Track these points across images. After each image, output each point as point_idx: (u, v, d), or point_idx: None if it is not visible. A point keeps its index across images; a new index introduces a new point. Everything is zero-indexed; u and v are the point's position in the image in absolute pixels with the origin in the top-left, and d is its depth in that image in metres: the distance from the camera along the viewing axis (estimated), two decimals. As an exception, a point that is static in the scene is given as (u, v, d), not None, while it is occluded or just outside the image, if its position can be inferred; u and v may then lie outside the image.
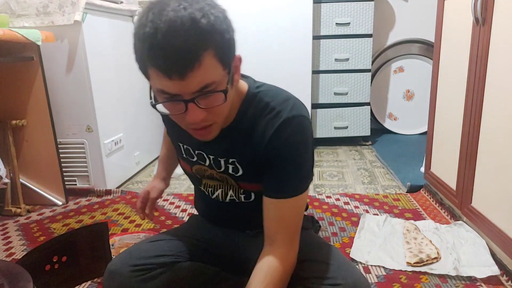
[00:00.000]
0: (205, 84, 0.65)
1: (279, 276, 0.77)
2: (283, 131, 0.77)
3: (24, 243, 1.45)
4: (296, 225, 0.82)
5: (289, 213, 0.81)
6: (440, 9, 1.61)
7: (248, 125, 0.81)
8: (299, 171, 0.80)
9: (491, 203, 1.26)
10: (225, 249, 0.97)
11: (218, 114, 0.72)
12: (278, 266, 0.78)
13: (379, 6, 2.89)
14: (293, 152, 0.78)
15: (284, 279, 0.79)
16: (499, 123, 1.19)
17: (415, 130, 2.91)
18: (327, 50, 2.58)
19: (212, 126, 0.73)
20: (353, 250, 1.31)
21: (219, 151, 0.85)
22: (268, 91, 0.83)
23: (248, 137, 0.81)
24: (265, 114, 0.79)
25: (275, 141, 0.78)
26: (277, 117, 0.78)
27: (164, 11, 0.61)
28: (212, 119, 0.72)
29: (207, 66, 0.64)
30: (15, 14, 1.74)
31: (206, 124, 0.72)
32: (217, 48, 0.65)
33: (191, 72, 0.63)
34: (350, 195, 1.83)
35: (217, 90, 0.67)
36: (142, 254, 0.89)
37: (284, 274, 0.79)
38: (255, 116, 0.80)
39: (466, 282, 1.12)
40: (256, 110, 0.80)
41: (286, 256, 0.80)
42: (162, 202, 1.81)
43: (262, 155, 0.80)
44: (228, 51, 0.68)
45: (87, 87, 1.81)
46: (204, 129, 0.73)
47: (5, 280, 0.70)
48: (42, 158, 1.77)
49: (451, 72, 1.54)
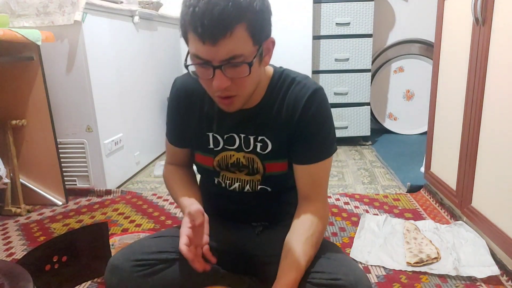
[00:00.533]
0: (233, 54, 0.72)
1: (321, 227, 0.87)
2: (314, 100, 0.86)
3: (24, 243, 1.45)
4: (327, 183, 0.93)
5: (322, 174, 0.91)
6: (440, 9, 1.61)
7: (277, 100, 0.89)
8: (330, 135, 0.90)
9: (491, 203, 1.26)
10: (228, 247, 0.97)
11: (241, 86, 0.78)
12: (317, 219, 0.87)
13: (379, 6, 2.89)
14: (323, 119, 0.88)
15: (323, 230, 0.88)
16: (499, 123, 1.19)
17: (415, 130, 2.91)
18: (327, 50, 2.58)
19: (235, 97, 0.80)
20: (353, 250, 1.31)
21: (250, 129, 0.90)
22: (290, 70, 0.93)
23: (278, 111, 0.88)
24: (293, 87, 0.88)
25: (308, 110, 0.86)
26: (305, 88, 0.87)
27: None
28: (236, 90, 0.78)
29: (238, 37, 0.71)
30: (15, 14, 1.74)
31: (230, 93, 0.78)
32: (250, 23, 0.72)
33: (222, 40, 0.70)
34: (350, 195, 1.83)
35: (244, 61, 0.73)
36: (144, 249, 0.90)
37: (322, 226, 0.88)
38: (283, 90, 0.89)
39: (466, 282, 1.12)
40: (284, 84, 0.89)
41: (322, 210, 0.89)
42: (162, 202, 1.81)
43: (295, 125, 0.87)
44: (260, 29, 0.74)
45: (87, 87, 1.81)
46: (228, 99, 0.80)
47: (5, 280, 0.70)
48: (42, 158, 1.77)
49: (451, 72, 1.54)
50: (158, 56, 2.52)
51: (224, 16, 0.69)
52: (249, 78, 0.76)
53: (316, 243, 0.85)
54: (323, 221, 0.88)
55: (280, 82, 0.89)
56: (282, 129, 0.88)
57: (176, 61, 2.86)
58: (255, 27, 0.73)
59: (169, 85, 1.04)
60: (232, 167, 0.95)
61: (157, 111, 2.52)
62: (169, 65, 2.70)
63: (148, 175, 2.25)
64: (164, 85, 2.58)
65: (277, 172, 0.92)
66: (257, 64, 0.78)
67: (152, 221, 1.61)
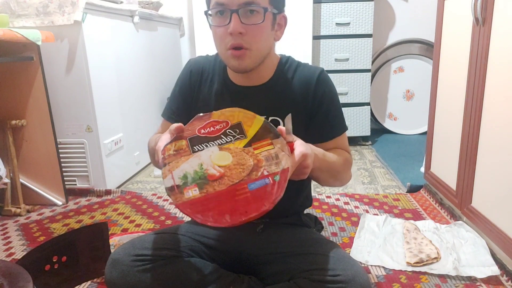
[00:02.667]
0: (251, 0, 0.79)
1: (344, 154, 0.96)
2: (323, 79, 0.94)
3: (24, 243, 1.45)
4: (348, 149, 1.00)
5: (344, 145, 0.98)
6: (440, 9, 1.61)
7: (286, 80, 0.94)
8: (341, 112, 0.98)
9: (491, 203, 1.26)
10: (228, 246, 0.98)
11: (255, 37, 0.83)
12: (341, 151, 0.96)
13: (379, 6, 2.89)
14: (334, 95, 0.96)
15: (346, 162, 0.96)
16: (499, 123, 1.19)
17: (415, 130, 2.91)
18: (327, 50, 2.58)
19: (247, 51, 0.84)
20: (353, 250, 1.31)
21: (260, 109, 0.88)
22: (294, 58, 1.00)
23: (289, 91, 0.93)
24: (299, 70, 0.95)
25: (320, 88, 0.93)
26: (312, 69, 0.96)
27: None
28: (249, 41, 0.83)
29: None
30: (15, 14, 1.74)
31: (243, 44, 0.83)
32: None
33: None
34: (350, 195, 1.83)
35: (260, 6, 0.80)
36: (145, 245, 0.91)
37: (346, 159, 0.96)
38: (291, 72, 0.95)
39: (466, 282, 1.12)
40: (291, 68, 0.96)
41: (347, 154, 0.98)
42: (162, 202, 1.81)
43: (309, 105, 0.93)
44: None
45: (87, 87, 1.80)
46: (239, 51, 0.84)
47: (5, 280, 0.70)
48: (42, 158, 1.77)
49: (451, 72, 1.54)
50: (158, 56, 2.52)
51: None
52: (262, 31, 0.83)
53: (341, 162, 0.93)
54: (348, 160, 0.97)
55: (288, 65, 0.96)
56: (294, 108, 0.90)
57: (176, 61, 2.86)
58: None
59: (169, 85, 1.05)
60: None
61: (157, 111, 2.51)
62: (169, 65, 2.70)
63: (148, 175, 2.25)
64: (164, 85, 2.57)
65: None
66: (270, 26, 0.85)
67: (152, 221, 1.61)
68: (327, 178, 0.93)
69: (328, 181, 0.95)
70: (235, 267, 0.98)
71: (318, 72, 0.94)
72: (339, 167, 0.92)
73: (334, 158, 0.90)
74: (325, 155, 0.87)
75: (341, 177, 0.97)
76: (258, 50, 0.86)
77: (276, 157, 0.72)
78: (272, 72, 0.95)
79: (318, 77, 0.93)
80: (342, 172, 0.95)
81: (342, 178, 0.98)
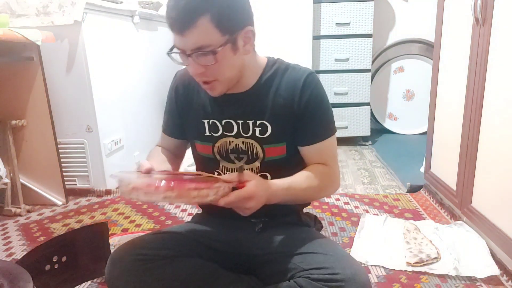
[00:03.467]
0: (200, 44, 0.78)
1: (321, 170, 0.93)
2: (311, 82, 0.91)
3: (24, 243, 1.45)
4: (336, 159, 0.98)
5: (329, 151, 0.96)
6: (440, 9, 1.61)
7: (274, 84, 0.92)
8: (329, 114, 0.95)
9: (491, 203, 1.26)
10: (227, 246, 0.98)
11: (216, 72, 0.83)
12: (322, 168, 0.93)
13: (379, 6, 2.89)
14: (322, 97, 0.93)
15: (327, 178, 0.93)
16: (499, 123, 1.19)
17: (415, 130, 2.91)
18: (327, 50, 2.58)
19: (215, 82, 0.85)
20: (353, 250, 1.31)
21: (248, 114, 0.93)
22: (283, 60, 0.97)
23: (276, 94, 0.92)
24: (287, 73, 0.93)
25: (307, 90, 0.90)
26: (301, 71, 0.92)
27: None
28: (212, 76, 0.84)
29: (202, 28, 0.76)
30: (15, 14, 1.74)
31: (207, 79, 0.84)
32: (215, 14, 0.76)
33: (187, 31, 0.77)
34: (350, 195, 1.83)
35: (208, 50, 0.78)
36: (145, 244, 0.91)
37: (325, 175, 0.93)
38: (279, 74, 0.93)
39: (466, 282, 1.12)
40: (278, 70, 0.93)
41: (329, 170, 0.94)
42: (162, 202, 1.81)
43: (296, 107, 0.91)
44: (228, 20, 0.79)
45: (87, 87, 1.80)
46: (208, 84, 0.86)
47: (5, 280, 0.70)
48: (42, 158, 1.77)
49: (451, 72, 1.54)
50: (158, 56, 2.52)
51: (187, 9, 0.75)
52: (221, 65, 0.81)
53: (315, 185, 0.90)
54: (327, 175, 0.94)
55: (275, 69, 0.93)
56: (282, 112, 0.91)
57: (176, 61, 2.85)
58: (221, 18, 0.77)
59: (169, 85, 1.05)
60: (232, 153, 0.96)
61: (157, 111, 2.51)
62: (169, 65, 2.68)
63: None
64: (164, 85, 2.56)
65: (277, 156, 0.94)
66: (230, 53, 0.82)
67: (152, 221, 1.61)
68: (299, 201, 0.95)
69: (302, 202, 0.97)
70: (235, 267, 0.98)
71: (306, 74, 0.92)
72: (312, 191, 0.91)
73: (304, 185, 0.89)
74: (291, 187, 0.87)
75: (318, 197, 0.98)
76: (225, 78, 0.86)
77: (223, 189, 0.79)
78: (257, 77, 0.93)
79: (305, 80, 0.91)
80: (317, 194, 0.95)
81: (320, 197, 0.99)
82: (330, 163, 0.95)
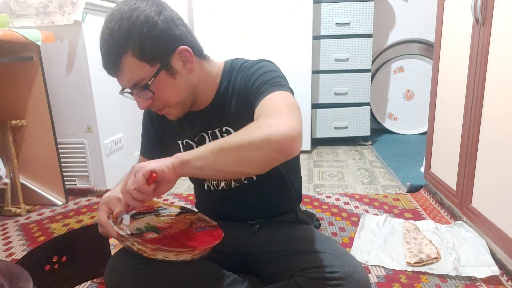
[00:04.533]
0: (133, 81, 0.80)
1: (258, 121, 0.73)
2: (255, 66, 0.87)
3: (24, 243, 1.45)
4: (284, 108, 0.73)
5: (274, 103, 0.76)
6: (440, 9, 1.61)
7: (230, 89, 0.90)
8: (271, 75, 0.83)
9: (491, 203, 1.26)
10: (226, 247, 0.98)
11: (164, 100, 0.84)
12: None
13: (379, 6, 2.89)
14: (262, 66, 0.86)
15: (261, 120, 0.73)
16: (499, 123, 1.19)
17: (415, 130, 2.91)
18: (327, 50, 2.58)
19: (168, 109, 0.86)
20: (353, 250, 1.31)
21: (214, 123, 0.93)
22: (242, 58, 0.94)
23: (231, 97, 0.90)
24: (241, 73, 0.89)
25: (252, 78, 0.85)
26: (249, 65, 0.89)
27: (104, 21, 0.80)
28: (162, 104, 0.84)
29: (128, 67, 0.78)
30: (15, 14, 1.74)
31: (158, 108, 0.86)
32: (135, 50, 0.77)
33: (117, 74, 0.80)
34: (350, 195, 1.83)
35: (141, 85, 0.80)
36: None
37: (259, 121, 0.73)
38: (233, 79, 0.90)
39: (466, 282, 1.12)
40: (233, 73, 0.91)
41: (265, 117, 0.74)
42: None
43: (250, 99, 0.83)
44: (152, 49, 0.78)
45: (87, 87, 1.80)
46: (163, 111, 0.87)
47: (5, 280, 0.70)
48: (42, 158, 1.77)
49: (451, 72, 1.54)
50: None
51: (110, 53, 0.78)
52: (164, 93, 0.81)
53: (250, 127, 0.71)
54: (262, 119, 0.73)
55: (229, 73, 0.91)
56: (240, 112, 0.90)
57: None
58: (143, 51, 0.77)
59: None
60: None
61: (157, 111, 2.51)
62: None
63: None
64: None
65: None
66: (169, 79, 0.81)
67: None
68: (222, 161, 0.69)
69: (231, 163, 0.70)
70: (235, 267, 0.98)
71: (254, 64, 0.88)
72: (226, 140, 0.71)
73: (220, 139, 0.72)
74: (212, 142, 0.72)
75: (243, 146, 0.68)
76: (177, 103, 0.85)
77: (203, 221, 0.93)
78: (216, 88, 0.91)
79: (251, 74, 0.85)
80: (238, 141, 0.69)
81: (246, 147, 0.68)
82: (270, 112, 0.74)
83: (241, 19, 2.36)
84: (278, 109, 0.73)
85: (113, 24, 0.77)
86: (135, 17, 0.76)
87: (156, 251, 0.76)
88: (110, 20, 0.78)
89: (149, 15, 0.77)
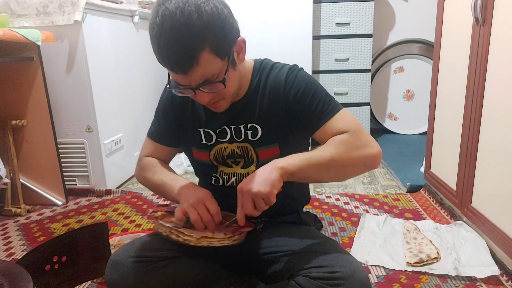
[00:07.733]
0: (206, 78, 0.77)
1: (341, 136, 0.85)
2: (292, 73, 0.91)
3: (24, 243, 1.45)
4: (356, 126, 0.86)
5: (343, 123, 0.87)
6: (440, 9, 1.61)
7: (260, 86, 0.92)
8: (324, 93, 0.90)
9: (491, 203, 1.26)
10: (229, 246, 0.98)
11: (223, 94, 0.84)
12: (338, 135, 0.86)
13: (379, 6, 2.89)
14: (309, 89, 0.89)
15: (346, 142, 0.84)
16: (499, 123, 1.19)
17: (415, 130, 2.91)
18: (327, 50, 2.58)
19: (221, 101, 0.86)
20: (353, 250, 1.31)
21: (240, 119, 0.93)
22: (270, 60, 0.98)
23: (263, 97, 0.92)
24: (272, 72, 0.92)
25: (292, 90, 0.89)
26: (283, 69, 0.92)
27: (165, 15, 0.72)
28: (220, 97, 0.84)
29: (205, 63, 0.75)
30: (15, 14, 1.74)
31: (215, 101, 0.85)
32: (213, 45, 0.74)
33: (191, 70, 0.74)
34: (350, 195, 1.83)
35: (217, 81, 0.78)
36: (145, 246, 0.91)
37: (342, 142, 0.84)
38: (264, 76, 0.93)
39: (466, 282, 1.12)
40: (264, 71, 0.93)
41: (348, 134, 0.85)
42: (162, 202, 1.81)
43: (283, 106, 0.90)
44: (224, 43, 0.77)
45: (87, 87, 1.80)
46: (214, 104, 0.86)
47: (5, 280, 0.70)
48: (42, 158, 1.77)
49: (451, 72, 1.54)
50: (158, 56, 2.52)
51: (186, 49, 0.72)
52: (228, 86, 0.81)
53: (332, 152, 0.83)
54: (346, 140, 0.84)
55: (261, 71, 0.94)
56: (270, 113, 0.91)
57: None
58: (219, 45, 0.76)
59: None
60: (228, 159, 0.96)
61: (157, 111, 2.51)
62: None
63: (148, 175, 2.25)
64: (164, 85, 2.56)
65: (270, 158, 0.92)
66: (233, 71, 0.83)
67: (152, 221, 1.61)
68: (328, 173, 0.85)
69: (332, 177, 0.89)
70: (236, 267, 0.98)
71: (287, 71, 0.91)
72: (339, 153, 0.82)
73: (325, 151, 0.83)
74: (309, 156, 0.82)
75: (349, 161, 0.84)
76: (231, 94, 0.87)
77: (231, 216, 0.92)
78: (248, 84, 0.93)
79: (286, 76, 0.90)
80: (346, 156, 0.83)
81: (352, 161, 0.84)
82: (350, 130, 0.85)
83: (241, 19, 2.36)
84: (358, 129, 0.86)
85: (187, 17, 0.71)
86: (210, 10, 0.73)
87: (201, 240, 0.83)
88: (181, 13, 0.70)
89: (218, 7, 0.75)
